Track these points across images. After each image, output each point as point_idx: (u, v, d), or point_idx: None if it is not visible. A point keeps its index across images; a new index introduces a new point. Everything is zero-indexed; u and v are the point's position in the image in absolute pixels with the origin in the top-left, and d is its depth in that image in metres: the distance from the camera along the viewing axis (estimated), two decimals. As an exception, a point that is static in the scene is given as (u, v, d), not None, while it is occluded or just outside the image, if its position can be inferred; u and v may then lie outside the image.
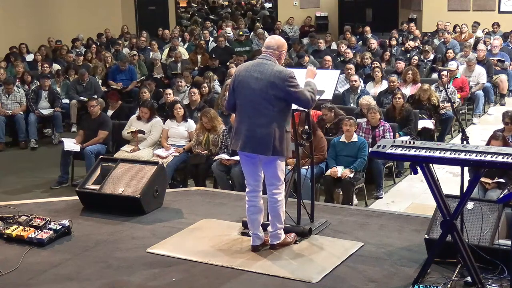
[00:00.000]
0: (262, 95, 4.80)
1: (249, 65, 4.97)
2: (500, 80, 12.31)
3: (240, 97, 4.92)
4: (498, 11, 16.73)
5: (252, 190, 5.06)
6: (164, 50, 15.13)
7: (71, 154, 8.62)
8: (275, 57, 4.91)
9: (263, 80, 4.80)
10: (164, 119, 8.75)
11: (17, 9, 15.30)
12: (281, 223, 5.11)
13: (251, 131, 4.84)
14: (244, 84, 4.88)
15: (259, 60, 4.94)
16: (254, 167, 5.01)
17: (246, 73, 4.90)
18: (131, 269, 4.91)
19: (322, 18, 20.15)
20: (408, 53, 13.59)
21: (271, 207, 5.05)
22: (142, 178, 6.16)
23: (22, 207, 6.19)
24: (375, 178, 7.79)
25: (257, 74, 4.83)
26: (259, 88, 4.81)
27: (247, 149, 4.90)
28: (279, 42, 4.98)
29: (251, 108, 4.86)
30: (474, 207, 4.91)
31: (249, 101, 4.86)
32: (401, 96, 9.12)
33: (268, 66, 4.84)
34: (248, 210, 5.09)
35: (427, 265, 4.40)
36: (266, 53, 4.93)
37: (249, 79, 4.86)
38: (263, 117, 4.81)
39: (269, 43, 4.97)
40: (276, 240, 5.13)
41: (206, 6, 27.16)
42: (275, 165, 4.94)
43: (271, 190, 5.00)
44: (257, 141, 4.83)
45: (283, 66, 5.04)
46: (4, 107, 10.77)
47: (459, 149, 4.21)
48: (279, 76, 4.78)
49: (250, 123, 4.85)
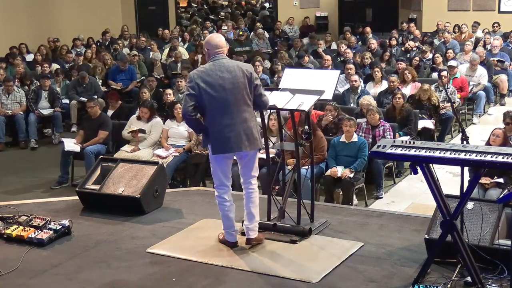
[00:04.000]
0: (240, 92, 4.86)
1: (209, 68, 4.89)
2: (500, 80, 12.31)
3: (213, 101, 4.85)
4: (498, 11, 16.73)
5: (228, 189, 5.10)
6: (164, 50, 15.13)
7: (71, 154, 8.63)
8: (225, 55, 4.98)
9: (240, 76, 4.85)
10: (164, 119, 8.75)
11: (17, 9, 15.31)
12: (258, 216, 5.18)
13: (238, 130, 4.88)
14: (215, 88, 4.84)
15: (219, 61, 4.90)
16: (229, 166, 5.09)
17: (210, 77, 4.84)
18: (131, 269, 4.91)
19: (322, 18, 20.15)
20: (408, 53, 13.59)
21: (251, 200, 5.10)
22: (142, 178, 6.16)
23: (22, 207, 6.19)
24: (375, 178, 7.79)
25: (229, 73, 4.85)
26: (236, 86, 4.85)
27: (238, 149, 4.92)
28: (222, 39, 5.04)
29: (230, 107, 4.86)
30: (474, 207, 4.91)
31: (224, 102, 4.85)
32: (401, 96, 9.12)
33: (231, 63, 4.92)
34: (228, 208, 5.09)
35: (427, 265, 4.40)
36: (219, 52, 4.94)
37: (218, 81, 4.84)
38: (244, 113, 4.89)
39: (218, 43, 4.96)
40: (255, 233, 5.16)
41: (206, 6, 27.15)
42: (255, 157, 5.06)
43: (251, 182, 5.09)
44: (247, 137, 4.90)
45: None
46: (4, 107, 10.77)
47: (459, 149, 4.21)
48: (248, 69, 4.93)
49: (235, 122, 4.88)
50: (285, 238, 5.31)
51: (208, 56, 5.00)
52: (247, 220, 5.15)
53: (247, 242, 5.16)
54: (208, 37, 5.15)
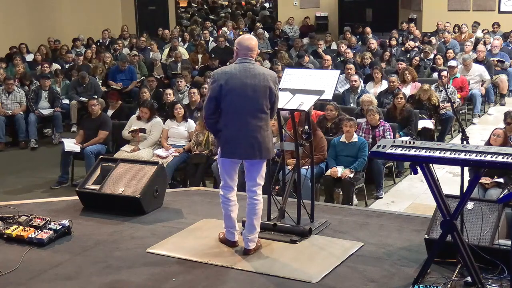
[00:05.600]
0: (259, 101, 4.80)
1: (235, 70, 4.84)
2: (500, 80, 12.31)
3: (231, 105, 4.81)
4: (498, 11, 16.72)
5: (232, 190, 5.07)
6: (164, 50, 15.13)
7: (71, 154, 8.62)
8: (253, 59, 4.92)
9: (260, 85, 4.78)
10: (164, 119, 8.75)
11: (17, 9, 15.30)
12: (259, 226, 5.11)
13: (250, 138, 4.81)
14: (237, 91, 4.78)
15: (246, 64, 4.85)
16: (236, 169, 5.06)
17: (236, 79, 4.79)
18: (131, 269, 4.91)
19: (322, 18, 20.14)
20: (408, 53, 13.59)
21: (255, 210, 5.01)
22: (142, 178, 6.16)
23: (22, 207, 6.19)
24: (375, 178, 7.79)
25: (252, 79, 4.79)
26: (255, 93, 4.78)
27: (247, 156, 4.87)
28: (254, 42, 4.97)
29: (245, 114, 4.80)
30: (474, 207, 4.91)
31: (242, 108, 4.79)
32: (403, 96, 9.13)
33: (258, 70, 4.85)
34: (231, 208, 5.08)
35: (427, 265, 4.40)
36: (248, 55, 4.89)
37: (242, 86, 4.78)
38: (259, 121, 4.82)
39: (249, 45, 4.89)
40: (253, 245, 5.10)
41: (206, 6, 27.12)
42: (263, 166, 4.98)
43: (256, 191, 4.99)
44: (258, 147, 4.83)
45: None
46: (4, 107, 10.77)
47: (459, 149, 4.21)
48: (271, 78, 4.84)
49: (247, 129, 4.81)
50: (285, 238, 5.31)
51: (236, 55, 4.94)
52: (247, 231, 5.07)
53: (245, 252, 5.07)
54: (241, 37, 5.10)
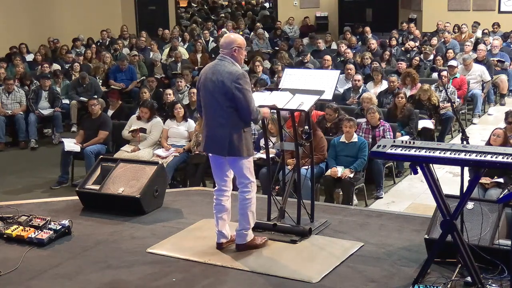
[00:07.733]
0: (218, 96, 4.84)
1: (207, 67, 5.02)
2: (500, 80, 12.31)
3: (203, 100, 4.99)
4: (498, 11, 16.72)
5: (219, 189, 5.13)
6: (164, 50, 15.12)
7: (71, 154, 8.62)
8: (229, 56, 4.91)
9: (217, 81, 4.84)
10: (164, 119, 8.75)
11: (17, 9, 15.30)
12: (248, 223, 5.08)
13: (211, 132, 4.94)
14: (204, 87, 4.94)
15: (216, 61, 4.96)
16: (221, 167, 5.08)
17: (205, 75, 4.95)
18: (131, 269, 4.91)
19: (322, 18, 20.14)
20: (408, 53, 13.59)
21: (239, 205, 5.06)
22: (142, 178, 6.16)
23: (22, 207, 6.20)
24: (375, 178, 7.79)
25: (212, 75, 4.88)
26: (214, 90, 4.85)
27: (207, 150, 5.04)
28: (228, 39, 4.96)
29: (210, 109, 4.93)
30: (474, 207, 4.91)
31: (208, 102, 4.93)
32: (404, 95, 9.13)
33: (221, 67, 4.88)
34: (214, 208, 5.14)
35: (427, 265, 4.40)
36: (222, 53, 4.95)
37: (207, 81, 4.91)
38: (220, 118, 4.87)
39: (221, 43, 5.03)
40: (242, 240, 5.11)
41: (206, 6, 27.12)
42: (239, 164, 4.96)
43: (240, 188, 5.05)
44: (215, 142, 4.92)
45: (243, 62, 5.07)
46: (4, 107, 10.76)
47: (459, 149, 4.21)
48: (229, 77, 4.81)
49: (210, 124, 4.94)
50: (285, 238, 5.31)
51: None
52: (238, 226, 5.12)
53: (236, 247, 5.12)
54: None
